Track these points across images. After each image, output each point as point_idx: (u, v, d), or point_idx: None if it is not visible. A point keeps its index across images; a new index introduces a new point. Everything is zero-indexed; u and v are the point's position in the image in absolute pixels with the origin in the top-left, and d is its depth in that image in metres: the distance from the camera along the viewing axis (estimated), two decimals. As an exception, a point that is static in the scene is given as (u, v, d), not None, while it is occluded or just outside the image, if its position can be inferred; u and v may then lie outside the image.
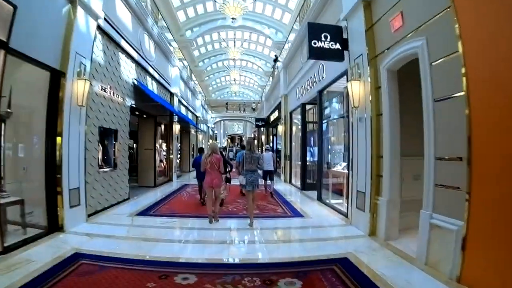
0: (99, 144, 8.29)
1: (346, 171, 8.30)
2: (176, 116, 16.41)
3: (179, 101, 18.18)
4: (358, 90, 6.65)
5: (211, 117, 39.12)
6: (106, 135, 8.77)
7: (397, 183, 5.91)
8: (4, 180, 5.96)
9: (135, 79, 10.63)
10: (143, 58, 11.38)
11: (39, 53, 5.81)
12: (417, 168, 5.96)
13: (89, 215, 7.49)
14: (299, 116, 14.13)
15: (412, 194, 5.91)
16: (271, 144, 21.81)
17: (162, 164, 15.61)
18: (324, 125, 10.47)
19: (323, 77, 9.77)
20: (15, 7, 4.99)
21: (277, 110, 19.23)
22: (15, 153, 6.40)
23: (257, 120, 27.70)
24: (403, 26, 5.47)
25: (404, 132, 6.00)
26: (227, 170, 8.95)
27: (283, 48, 21.08)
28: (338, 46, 7.50)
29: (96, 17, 7.50)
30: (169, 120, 16.36)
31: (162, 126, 16.06)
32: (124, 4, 9.50)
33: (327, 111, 10.61)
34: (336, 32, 7.59)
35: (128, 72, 10.17)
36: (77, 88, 6.70)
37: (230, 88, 43.54)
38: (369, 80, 6.38)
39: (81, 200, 7.04)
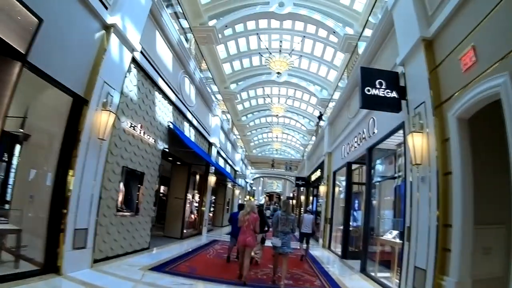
0: (121, 185, 7.61)
1: (398, 240, 6.98)
2: (213, 167, 15.75)
3: (218, 153, 17.65)
4: (420, 144, 5.51)
5: (250, 173, 38.41)
6: (131, 176, 8.12)
7: (468, 259, 4.56)
8: (10, 205, 5.65)
9: (171, 122, 10.15)
10: (181, 102, 11.01)
11: (62, 75, 5.37)
12: (489, 239, 4.82)
13: (97, 261, 6.65)
14: (343, 177, 13.11)
15: (481, 271, 4.63)
16: (311, 206, 20.54)
17: (192, 215, 14.74)
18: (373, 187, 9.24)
19: (373, 133, 8.75)
20: (40, 20, 4.63)
21: (319, 170, 18.19)
22: (26, 179, 5.88)
23: (297, 179, 26.63)
24: (477, 63, 4.50)
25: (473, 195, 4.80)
26: (265, 229, 8.45)
27: (327, 106, 20.54)
28: (394, 94, 6.55)
29: (131, 49, 7.16)
30: (204, 171, 15.73)
31: (197, 176, 15.43)
32: (165, 42, 9.29)
33: (376, 171, 9.46)
34: (392, 79, 6.70)
35: (164, 114, 9.73)
36: (100, 120, 6.15)
37: (272, 145, 43.20)
38: (434, 132, 5.30)
39: (88, 243, 6.21)
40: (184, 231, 13.17)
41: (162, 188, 18.25)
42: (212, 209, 19.98)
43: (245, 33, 21.17)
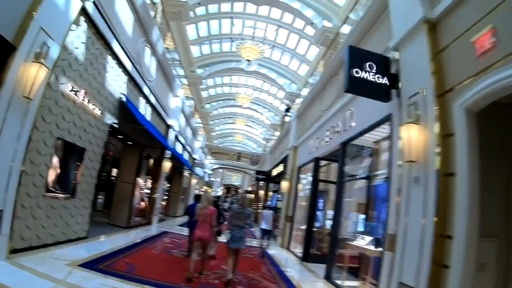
0: (54, 160, 6.29)
1: (374, 248, 6.21)
2: (169, 152, 14.46)
3: (176, 137, 16.34)
4: (416, 138, 4.66)
5: (210, 163, 37.16)
6: (68, 151, 6.80)
7: (470, 277, 3.77)
8: None
9: (123, 94, 8.83)
10: (139, 74, 9.69)
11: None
12: (484, 253, 4.10)
13: (17, 251, 5.39)
14: (307, 174, 12.45)
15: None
16: (270, 202, 19.76)
17: (142, 203, 13.43)
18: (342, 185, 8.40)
19: (351, 126, 7.91)
20: None
21: (282, 164, 17.39)
22: None
23: (257, 172, 25.75)
24: (497, 46, 3.71)
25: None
26: (219, 221, 7.96)
27: (295, 101, 19.89)
28: (385, 81, 5.73)
29: (82, -4, 5.88)
30: (159, 155, 14.40)
31: (151, 160, 14.11)
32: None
33: (347, 169, 8.63)
34: (383, 63, 5.83)
35: (116, 83, 8.41)
36: (28, 73, 4.85)
37: (233, 136, 42.15)
38: (434, 124, 4.45)
39: (3, 228, 4.94)
40: (133, 219, 11.89)
41: (115, 171, 16.70)
42: (165, 197, 18.67)
43: (218, 15, 19.90)
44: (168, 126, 14.53)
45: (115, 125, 8.70)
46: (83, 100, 6.86)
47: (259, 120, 35.23)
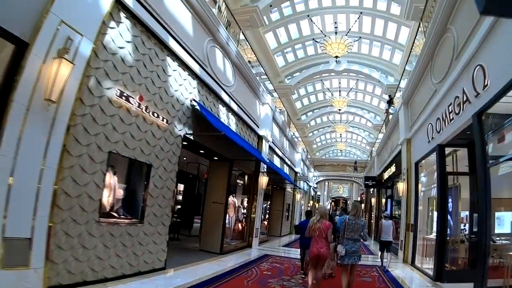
0: (108, 179, 5.36)
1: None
2: (264, 166, 13.13)
3: (271, 149, 15.01)
4: None
5: (314, 176, 35.23)
6: (129, 168, 5.87)
7: None
8: None
9: (194, 100, 7.78)
10: (212, 78, 8.60)
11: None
12: None
13: (63, 287, 4.47)
14: (431, 168, 10.02)
15: None
16: (388, 210, 17.17)
17: (239, 224, 12.27)
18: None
19: (485, 87, 5.64)
20: None
21: (393, 165, 14.94)
22: None
23: (366, 179, 23.08)
24: None
25: None
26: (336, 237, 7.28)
27: (395, 94, 17.40)
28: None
29: (112, -14, 4.93)
30: (253, 170, 13.16)
31: (245, 177, 12.98)
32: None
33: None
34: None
35: (184, 88, 7.40)
36: (49, 72, 3.94)
37: (335, 146, 39.70)
38: None
39: (35, 260, 3.99)
40: (228, 243, 10.73)
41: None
42: (266, 216, 17.40)
43: (295, 17, 18.61)
44: (260, 137, 13.27)
45: (188, 136, 7.63)
46: (139, 107, 5.89)
47: (360, 124, 32.56)
